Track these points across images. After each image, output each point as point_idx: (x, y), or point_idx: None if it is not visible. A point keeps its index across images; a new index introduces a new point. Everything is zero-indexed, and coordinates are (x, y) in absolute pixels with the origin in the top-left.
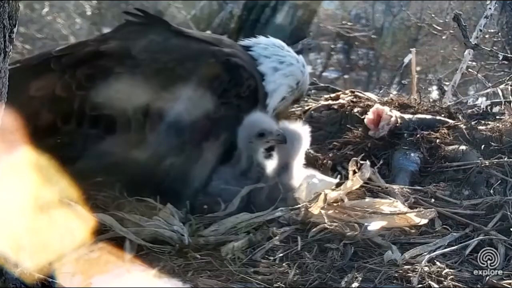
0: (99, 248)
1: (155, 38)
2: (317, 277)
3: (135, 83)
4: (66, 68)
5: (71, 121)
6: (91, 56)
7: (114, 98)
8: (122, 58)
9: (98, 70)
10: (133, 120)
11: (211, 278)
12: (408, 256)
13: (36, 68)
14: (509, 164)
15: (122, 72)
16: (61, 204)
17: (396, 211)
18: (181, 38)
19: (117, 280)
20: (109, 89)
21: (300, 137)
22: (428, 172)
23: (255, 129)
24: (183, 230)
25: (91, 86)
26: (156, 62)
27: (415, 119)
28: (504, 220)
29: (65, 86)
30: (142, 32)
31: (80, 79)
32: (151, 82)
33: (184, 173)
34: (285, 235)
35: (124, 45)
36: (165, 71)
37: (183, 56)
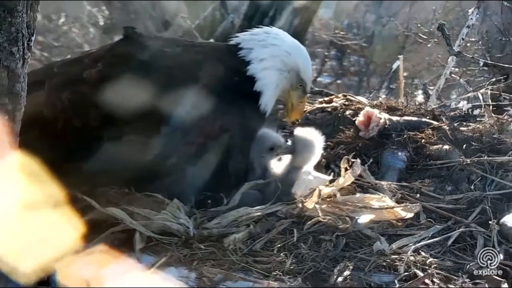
0: (111, 239)
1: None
2: (312, 266)
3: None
4: (53, 90)
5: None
6: (74, 81)
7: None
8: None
9: (79, 96)
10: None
11: (214, 267)
12: (395, 247)
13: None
14: (488, 162)
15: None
16: (50, 207)
17: (385, 206)
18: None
19: (129, 269)
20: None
21: (313, 146)
22: (414, 169)
23: (265, 145)
24: (189, 223)
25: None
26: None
27: (402, 121)
28: (483, 213)
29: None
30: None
31: (64, 101)
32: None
33: (186, 172)
34: (282, 228)
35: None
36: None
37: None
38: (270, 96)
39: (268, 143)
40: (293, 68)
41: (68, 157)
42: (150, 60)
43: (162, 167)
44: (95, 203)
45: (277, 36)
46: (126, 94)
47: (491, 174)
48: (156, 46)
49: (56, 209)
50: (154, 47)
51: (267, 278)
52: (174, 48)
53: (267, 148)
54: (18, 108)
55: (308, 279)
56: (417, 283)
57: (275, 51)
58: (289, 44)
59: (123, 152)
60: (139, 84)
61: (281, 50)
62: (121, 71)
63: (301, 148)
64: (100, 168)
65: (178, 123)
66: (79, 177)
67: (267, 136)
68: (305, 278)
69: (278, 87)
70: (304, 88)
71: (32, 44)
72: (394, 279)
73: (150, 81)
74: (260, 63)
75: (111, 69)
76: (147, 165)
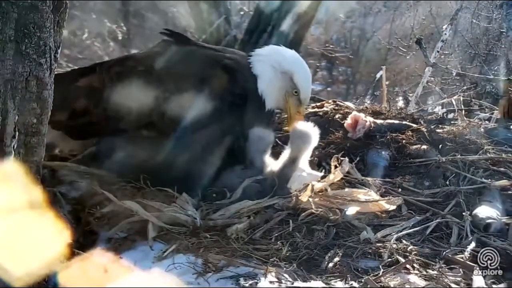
0: (127, 229)
1: (173, 49)
2: (306, 253)
3: (151, 87)
4: (103, 69)
5: (99, 107)
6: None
7: (132, 104)
8: (146, 63)
9: (125, 69)
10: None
11: (218, 254)
12: (379, 236)
13: (88, 69)
14: (461, 160)
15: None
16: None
17: (370, 199)
18: (193, 48)
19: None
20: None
21: (309, 137)
22: (396, 167)
23: (265, 142)
24: (196, 214)
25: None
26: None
27: (385, 123)
28: (457, 206)
29: (100, 80)
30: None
31: (112, 75)
32: (164, 86)
33: (193, 169)
34: (279, 219)
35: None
36: (175, 76)
37: (192, 62)
38: (265, 84)
39: (266, 142)
40: (286, 71)
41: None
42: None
43: (173, 164)
44: (113, 197)
45: (279, 47)
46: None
47: (464, 171)
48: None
49: (40, 212)
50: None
51: (266, 264)
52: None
53: (266, 146)
54: (45, 112)
55: (302, 265)
56: (399, 268)
57: (275, 51)
58: (290, 53)
59: (140, 147)
60: (158, 87)
61: (280, 52)
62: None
63: (298, 139)
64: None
65: (189, 125)
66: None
67: (265, 136)
68: (300, 264)
69: (271, 82)
70: (299, 96)
71: (58, 56)
72: (378, 264)
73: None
74: (257, 57)
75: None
76: (160, 163)
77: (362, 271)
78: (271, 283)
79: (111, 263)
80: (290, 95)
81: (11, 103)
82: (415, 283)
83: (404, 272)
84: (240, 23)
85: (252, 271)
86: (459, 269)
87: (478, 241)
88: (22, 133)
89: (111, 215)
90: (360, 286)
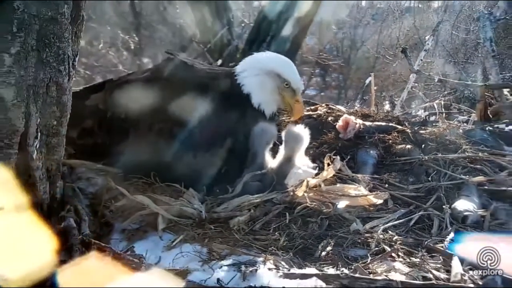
0: (139, 221)
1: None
2: (301, 242)
3: (156, 100)
4: (108, 90)
5: (103, 129)
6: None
7: (139, 113)
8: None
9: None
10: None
11: (222, 243)
12: (368, 227)
13: (96, 87)
14: (442, 159)
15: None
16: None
17: (360, 194)
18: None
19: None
20: (137, 106)
21: (302, 138)
22: (383, 164)
23: (268, 136)
24: (201, 207)
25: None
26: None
27: (374, 125)
28: (438, 200)
29: (103, 101)
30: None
31: (113, 100)
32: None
33: (199, 167)
34: (277, 212)
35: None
36: (181, 93)
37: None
38: (259, 96)
39: (270, 135)
40: (270, 71)
41: (113, 141)
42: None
43: (180, 162)
44: (126, 192)
45: (257, 54)
46: (156, 99)
47: (444, 168)
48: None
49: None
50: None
51: (265, 252)
52: (201, 68)
53: (270, 138)
54: (64, 115)
55: (298, 253)
56: (385, 256)
57: (250, 62)
58: (264, 55)
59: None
60: (171, 90)
61: (255, 60)
62: (162, 81)
63: (291, 140)
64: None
65: (193, 127)
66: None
67: (269, 129)
68: (296, 253)
69: (263, 88)
70: (291, 86)
71: (76, 64)
72: (367, 253)
73: (181, 89)
74: (242, 74)
75: (157, 77)
76: (168, 161)
77: (352, 259)
78: (269, 270)
79: (107, 265)
80: (283, 89)
81: (34, 107)
82: (400, 269)
83: (390, 260)
84: (241, 34)
85: (252, 259)
86: (439, 257)
87: (456, 232)
88: (44, 134)
89: (124, 208)
90: (350, 272)
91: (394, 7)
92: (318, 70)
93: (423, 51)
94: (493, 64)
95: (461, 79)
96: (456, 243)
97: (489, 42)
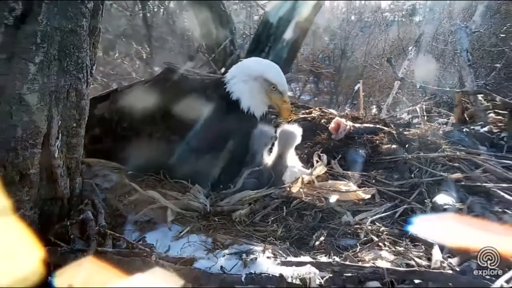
0: (150, 214)
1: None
2: (297, 233)
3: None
4: (112, 100)
5: (108, 136)
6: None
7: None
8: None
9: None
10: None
11: (225, 234)
12: (357, 219)
13: (103, 97)
14: (424, 157)
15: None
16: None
17: (349, 189)
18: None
19: (162, 235)
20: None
21: (294, 135)
22: (371, 163)
23: (267, 137)
24: (206, 202)
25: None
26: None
27: (362, 127)
28: (420, 194)
29: (109, 110)
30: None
31: (118, 109)
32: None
33: (204, 165)
34: (275, 205)
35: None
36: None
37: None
38: (247, 101)
39: (269, 135)
40: (257, 75)
41: (118, 147)
42: (180, 85)
43: (186, 161)
44: (138, 187)
45: (244, 60)
46: (158, 105)
47: (426, 166)
48: (186, 76)
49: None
50: (185, 76)
51: (264, 242)
52: (195, 78)
53: (269, 139)
54: (83, 118)
55: (294, 243)
56: (373, 245)
57: (238, 69)
58: (252, 61)
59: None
60: (168, 99)
61: (243, 66)
62: (160, 91)
63: (285, 137)
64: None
65: (196, 130)
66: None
67: (267, 131)
68: (292, 243)
69: (251, 93)
70: (277, 89)
71: (94, 72)
72: (356, 242)
73: (177, 98)
74: (231, 81)
75: (155, 87)
76: (175, 160)
77: (343, 248)
78: (268, 258)
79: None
80: (271, 92)
81: (55, 110)
82: (386, 257)
83: (377, 249)
84: (243, 44)
85: (252, 248)
86: (422, 246)
87: None
88: (64, 135)
89: (136, 202)
90: (341, 260)
91: (380, 21)
92: (312, 78)
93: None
94: (468, 72)
95: (440, 86)
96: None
97: (465, 53)
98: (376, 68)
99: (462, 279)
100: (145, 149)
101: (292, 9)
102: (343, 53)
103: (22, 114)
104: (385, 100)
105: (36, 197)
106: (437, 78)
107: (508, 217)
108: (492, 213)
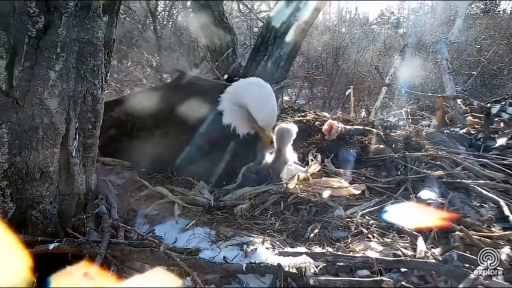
0: (159, 208)
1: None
2: (293, 226)
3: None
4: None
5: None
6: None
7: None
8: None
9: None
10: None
11: (227, 227)
12: (349, 213)
13: (120, 100)
14: (409, 156)
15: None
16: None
17: (341, 186)
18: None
19: (170, 228)
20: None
21: (290, 131)
22: (360, 161)
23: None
24: (210, 197)
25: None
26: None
27: (353, 129)
28: (406, 190)
29: (124, 113)
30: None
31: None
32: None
33: (209, 163)
34: (273, 200)
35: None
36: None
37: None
38: (228, 118)
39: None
40: (242, 104)
41: (132, 146)
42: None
43: (192, 160)
44: (147, 184)
45: (239, 83)
46: (168, 107)
47: (411, 164)
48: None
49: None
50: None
51: (263, 234)
52: (204, 84)
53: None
54: (98, 120)
55: (290, 235)
56: (363, 237)
57: (235, 89)
58: (244, 87)
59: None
60: (178, 102)
61: (238, 88)
62: (173, 95)
63: (281, 134)
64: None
65: (201, 131)
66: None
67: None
68: (288, 235)
69: (233, 115)
70: (258, 124)
71: (108, 78)
72: (347, 234)
73: (187, 101)
74: (225, 94)
75: (167, 92)
76: (183, 158)
77: (335, 240)
78: (267, 249)
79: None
80: (253, 122)
81: (73, 114)
82: (375, 248)
83: (366, 240)
84: (244, 53)
85: (252, 240)
86: (407, 237)
87: None
88: (81, 136)
89: (146, 197)
90: (333, 250)
91: (368, 33)
92: (307, 84)
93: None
94: (448, 79)
95: (423, 91)
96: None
97: (445, 61)
98: (365, 75)
99: (443, 267)
100: (155, 148)
101: (292, 15)
102: (335, 61)
103: (43, 117)
104: (373, 104)
105: (56, 192)
106: (420, 84)
107: (484, 210)
108: (471, 207)
